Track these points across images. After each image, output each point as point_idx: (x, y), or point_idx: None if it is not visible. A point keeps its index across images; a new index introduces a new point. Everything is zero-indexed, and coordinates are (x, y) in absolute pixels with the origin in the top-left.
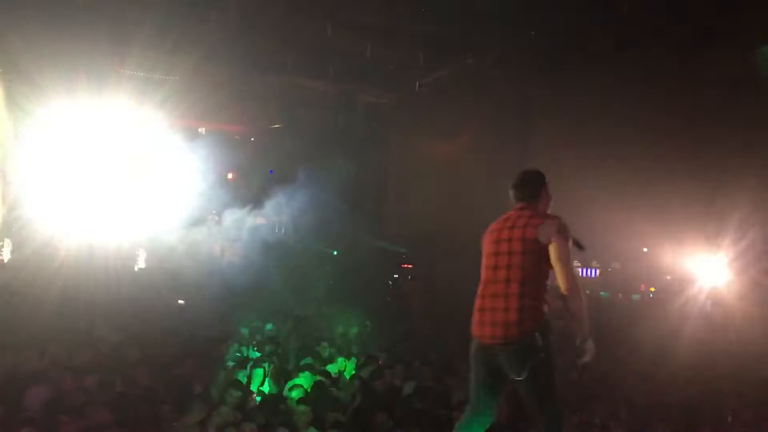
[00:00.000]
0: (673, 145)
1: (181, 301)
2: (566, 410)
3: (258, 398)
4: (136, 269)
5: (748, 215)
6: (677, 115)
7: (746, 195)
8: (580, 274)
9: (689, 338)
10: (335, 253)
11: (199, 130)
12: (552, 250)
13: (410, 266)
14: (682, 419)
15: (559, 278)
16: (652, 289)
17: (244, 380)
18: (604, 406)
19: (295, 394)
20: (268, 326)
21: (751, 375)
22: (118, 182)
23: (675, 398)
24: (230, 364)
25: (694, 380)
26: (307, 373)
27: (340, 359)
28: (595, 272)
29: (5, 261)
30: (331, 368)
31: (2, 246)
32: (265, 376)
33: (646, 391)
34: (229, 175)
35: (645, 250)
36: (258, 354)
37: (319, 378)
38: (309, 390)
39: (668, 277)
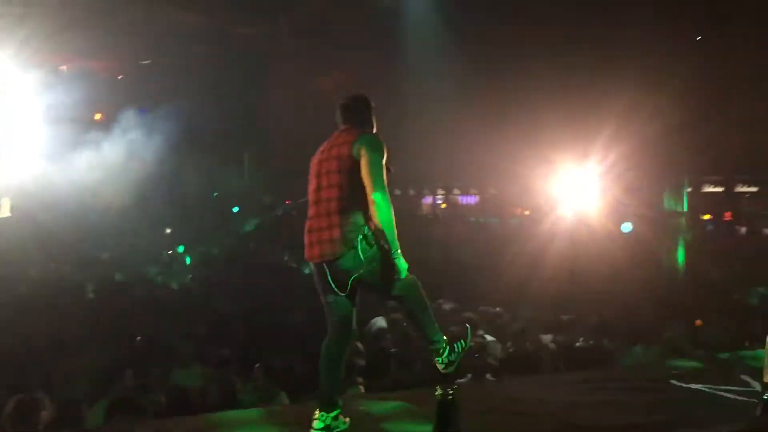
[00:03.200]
0: (550, 67)
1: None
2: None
3: None
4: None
5: (613, 135)
6: (553, 40)
7: (613, 115)
8: (460, 202)
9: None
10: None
11: (60, 68)
12: (362, 164)
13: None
14: None
15: (368, 191)
16: (527, 212)
17: None
18: None
19: None
20: None
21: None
22: None
23: None
24: None
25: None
26: None
27: None
28: (474, 199)
29: None
30: None
31: None
32: None
33: None
34: (97, 116)
35: (493, 191)
36: None
37: None
38: None
39: (541, 200)
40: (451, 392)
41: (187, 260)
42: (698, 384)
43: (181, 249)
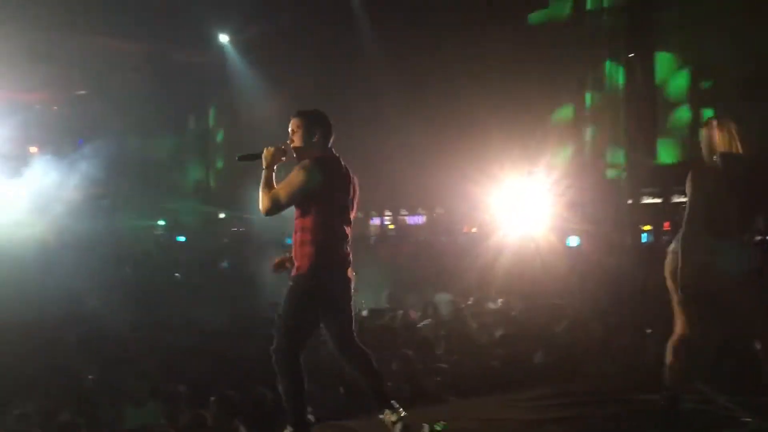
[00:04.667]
0: (496, 80)
1: None
2: None
3: None
4: None
5: (558, 148)
6: (498, 57)
7: (557, 132)
8: (407, 222)
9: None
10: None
11: None
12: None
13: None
14: None
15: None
16: (474, 230)
17: None
18: None
19: None
20: None
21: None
22: None
23: None
24: None
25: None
26: None
27: None
28: (422, 218)
29: None
30: None
31: None
32: None
33: None
34: (33, 149)
35: (440, 210)
36: None
37: None
38: None
39: (487, 216)
40: (400, 419)
41: None
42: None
43: None
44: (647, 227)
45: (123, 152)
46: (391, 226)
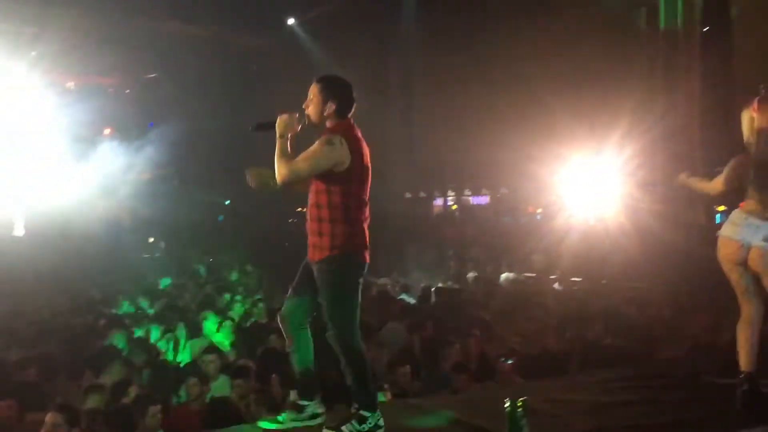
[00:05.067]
0: (560, 61)
1: None
2: None
3: None
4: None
5: (628, 130)
6: (563, 34)
7: (627, 110)
8: (471, 202)
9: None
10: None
11: (67, 85)
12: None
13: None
14: None
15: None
16: (539, 210)
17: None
18: None
19: None
20: None
21: None
22: None
23: None
24: None
25: None
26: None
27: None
28: (486, 199)
29: None
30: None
31: None
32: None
33: None
34: (106, 131)
35: (504, 190)
36: None
37: None
38: None
39: (553, 198)
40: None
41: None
42: (729, 378)
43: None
44: (722, 207)
45: (192, 134)
46: (454, 207)
